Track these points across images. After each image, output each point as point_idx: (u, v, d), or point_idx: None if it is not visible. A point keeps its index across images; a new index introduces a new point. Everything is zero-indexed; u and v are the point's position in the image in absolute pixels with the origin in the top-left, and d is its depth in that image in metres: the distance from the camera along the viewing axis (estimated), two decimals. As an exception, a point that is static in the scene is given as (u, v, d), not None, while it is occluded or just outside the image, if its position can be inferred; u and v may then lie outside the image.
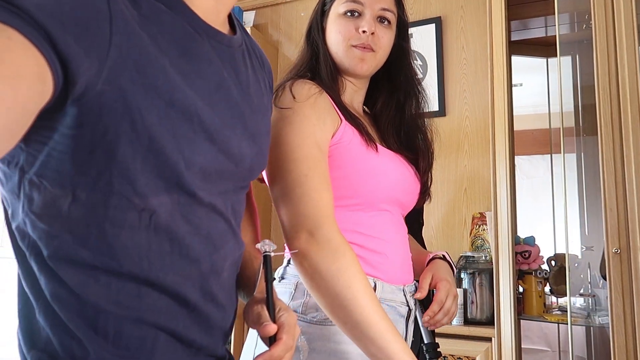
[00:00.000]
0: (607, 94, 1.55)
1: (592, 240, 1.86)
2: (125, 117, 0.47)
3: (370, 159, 0.88)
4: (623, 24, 1.56)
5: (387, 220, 0.91)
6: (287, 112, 0.83)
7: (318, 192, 0.78)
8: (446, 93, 2.34)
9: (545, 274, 1.87)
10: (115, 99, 0.46)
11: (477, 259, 1.96)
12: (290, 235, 0.78)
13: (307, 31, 1.01)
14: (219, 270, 0.60)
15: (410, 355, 0.73)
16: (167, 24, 0.53)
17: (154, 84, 0.49)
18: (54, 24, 0.40)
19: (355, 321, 0.73)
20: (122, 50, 0.46)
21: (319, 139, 0.83)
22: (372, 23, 0.93)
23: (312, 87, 0.87)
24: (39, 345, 0.51)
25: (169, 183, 0.52)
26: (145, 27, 0.50)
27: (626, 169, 1.50)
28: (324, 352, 0.81)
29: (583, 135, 1.93)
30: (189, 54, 0.54)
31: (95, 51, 0.44)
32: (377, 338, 0.72)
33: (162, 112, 0.50)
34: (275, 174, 0.81)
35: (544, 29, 2.08)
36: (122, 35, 0.47)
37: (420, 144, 1.01)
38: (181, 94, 0.51)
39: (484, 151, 2.22)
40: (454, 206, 2.26)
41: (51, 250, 0.50)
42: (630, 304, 1.45)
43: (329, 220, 0.77)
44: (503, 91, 1.76)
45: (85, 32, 0.43)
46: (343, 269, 0.74)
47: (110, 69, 0.46)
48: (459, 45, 2.36)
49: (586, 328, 1.95)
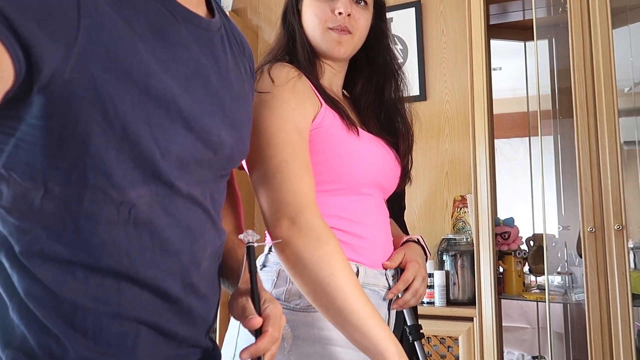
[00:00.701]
0: (582, 76, 1.58)
1: (568, 220, 1.91)
2: (97, 105, 0.45)
3: (351, 142, 0.87)
4: (597, 7, 1.59)
5: (368, 205, 0.91)
6: (266, 97, 0.81)
7: (299, 178, 0.78)
8: (426, 77, 2.35)
9: (524, 254, 1.92)
10: (85, 86, 0.44)
11: (459, 241, 2.00)
12: (272, 222, 0.77)
13: (282, 14, 0.99)
14: (199, 260, 0.59)
15: (394, 340, 0.73)
16: (141, 6, 0.50)
17: (127, 70, 0.47)
18: (13, 8, 0.39)
19: (339, 308, 0.73)
20: (92, 35, 0.44)
21: (298, 123, 0.82)
22: (347, 4, 0.91)
23: (291, 71, 0.85)
24: (14, 344, 0.49)
25: (145, 174, 0.50)
26: (118, 10, 0.47)
27: (600, 150, 1.54)
28: (308, 339, 0.81)
29: (559, 118, 1.97)
30: (164, 38, 0.52)
31: (61, 36, 0.42)
32: (361, 324, 0.72)
33: (136, 99, 0.48)
34: (254, 160, 0.80)
35: (522, 12, 2.09)
36: (91, 18, 0.44)
37: (400, 127, 1.00)
38: (156, 80, 0.49)
39: (464, 135, 2.25)
40: (435, 189, 2.29)
41: (23, 246, 0.48)
42: (604, 281, 1.50)
43: (310, 206, 0.77)
44: (482, 75, 1.78)
45: (49, 17, 0.41)
46: (326, 256, 0.74)
47: (79, 54, 0.43)
48: (438, 29, 2.37)
49: (563, 305, 2.01)
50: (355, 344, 0.75)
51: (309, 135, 0.84)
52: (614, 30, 1.59)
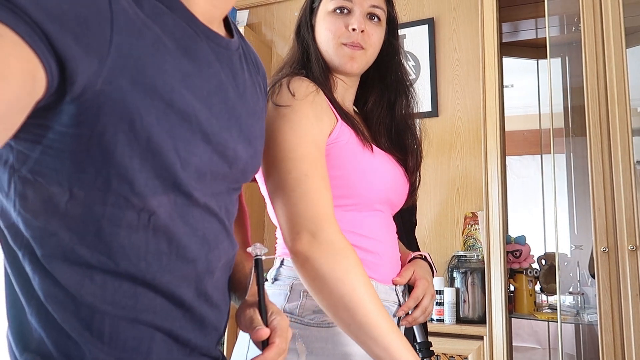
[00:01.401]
0: (596, 95, 1.58)
1: (581, 239, 1.89)
2: (124, 116, 0.47)
3: (366, 159, 0.87)
4: (611, 26, 1.59)
5: (379, 220, 0.91)
6: (285, 110, 0.81)
7: (319, 192, 0.77)
8: (439, 94, 2.36)
9: (535, 273, 1.90)
10: (114, 98, 0.47)
11: (469, 258, 1.98)
12: (291, 236, 0.76)
13: (296, 28, 0.99)
14: (213, 269, 0.60)
15: (413, 353, 0.73)
16: (169, 24, 0.53)
17: (153, 84, 0.49)
18: (52, 22, 0.40)
19: (360, 322, 0.73)
20: (123, 50, 0.47)
21: (317, 137, 0.81)
22: (361, 20, 0.91)
23: (310, 85, 0.85)
24: (32, 347, 0.51)
25: (166, 183, 0.52)
26: (148, 27, 0.50)
27: (614, 169, 1.53)
28: (323, 355, 0.80)
29: (572, 136, 1.96)
30: (189, 55, 0.55)
31: (95, 50, 0.44)
32: (382, 339, 0.72)
33: (161, 112, 0.50)
34: (272, 173, 0.80)
35: (535, 31, 2.10)
36: (123, 34, 0.47)
37: (409, 144, 1.01)
38: (180, 95, 0.52)
39: (475, 151, 2.25)
40: (446, 206, 2.28)
41: (46, 250, 0.50)
42: (617, 302, 1.48)
43: (331, 220, 0.76)
44: (494, 92, 1.78)
45: (85, 31, 0.43)
46: (347, 271, 0.74)
47: (110, 68, 0.46)
48: (451, 46, 2.38)
49: (575, 326, 1.98)
50: (375, 357, 0.75)
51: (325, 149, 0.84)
52: (628, 50, 1.59)
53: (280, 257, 0.89)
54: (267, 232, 2.60)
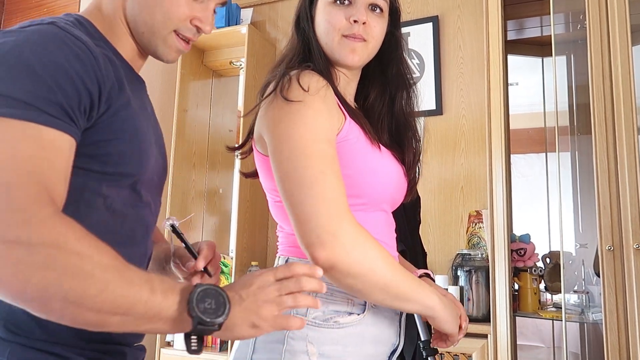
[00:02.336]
0: (601, 93, 1.57)
1: (586, 238, 1.89)
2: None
3: (376, 158, 0.85)
4: (617, 24, 1.58)
5: (383, 220, 0.90)
6: (297, 106, 0.77)
7: (337, 190, 0.75)
8: (443, 92, 2.36)
9: (540, 271, 1.89)
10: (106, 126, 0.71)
11: (474, 256, 1.98)
12: (310, 240, 0.73)
13: (295, 20, 0.96)
14: (148, 255, 0.82)
15: (435, 293, 0.83)
16: (128, 75, 0.76)
17: (124, 118, 0.71)
18: (70, 103, 0.62)
19: (394, 296, 0.78)
20: (112, 103, 0.69)
21: (329, 134, 0.79)
22: (363, 12, 0.87)
23: (320, 80, 0.81)
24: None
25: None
26: (121, 84, 0.71)
27: (619, 167, 1.52)
28: (334, 357, 0.79)
29: (577, 134, 1.95)
30: (135, 93, 0.76)
31: (95, 109, 0.67)
32: (413, 298, 0.80)
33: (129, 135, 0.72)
34: (286, 170, 0.76)
35: (540, 28, 2.09)
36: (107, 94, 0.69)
37: (409, 140, 0.98)
38: (139, 123, 0.74)
39: (480, 149, 2.24)
40: (450, 204, 2.28)
41: None
42: (622, 301, 1.47)
43: (349, 217, 0.75)
44: (499, 90, 1.78)
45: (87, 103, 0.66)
46: (374, 260, 0.75)
47: (101, 115, 0.67)
48: (455, 44, 2.38)
49: (580, 324, 1.98)
50: (408, 311, 0.85)
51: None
52: (634, 47, 1.58)
53: (285, 256, 0.88)
54: (270, 232, 2.61)
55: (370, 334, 0.83)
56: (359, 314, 0.82)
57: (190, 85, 2.71)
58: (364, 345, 0.82)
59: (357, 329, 0.81)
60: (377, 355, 0.85)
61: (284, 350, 0.77)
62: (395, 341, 0.89)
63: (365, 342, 0.82)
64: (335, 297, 0.81)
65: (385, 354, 0.88)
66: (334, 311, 0.81)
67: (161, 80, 2.85)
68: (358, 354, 0.81)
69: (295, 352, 0.77)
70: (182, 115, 2.64)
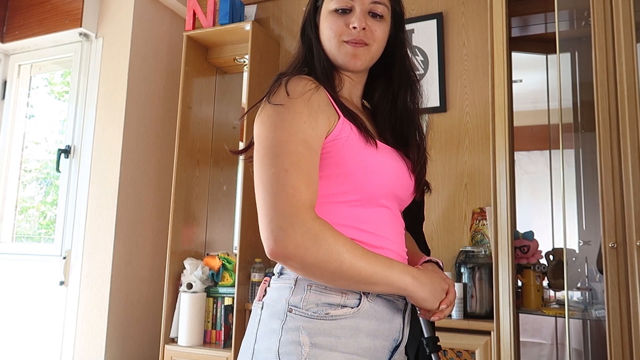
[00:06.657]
0: (605, 90, 1.57)
1: (589, 235, 1.89)
2: None
3: (370, 155, 0.87)
4: (621, 21, 1.58)
5: (384, 216, 0.91)
6: (278, 109, 0.82)
7: (296, 188, 0.78)
8: (447, 89, 2.36)
9: (543, 268, 1.89)
10: None
11: (477, 253, 1.98)
12: (266, 234, 0.78)
13: (301, 27, 1.00)
14: None
15: (407, 271, 0.84)
16: None
17: None
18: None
19: (358, 281, 0.80)
20: None
21: (307, 136, 0.81)
22: (362, 18, 0.92)
23: (309, 83, 0.85)
24: None
25: None
26: None
27: (623, 165, 1.52)
28: (326, 347, 0.81)
29: (581, 132, 1.95)
30: None
31: None
32: (381, 280, 0.81)
33: None
34: (256, 170, 0.82)
35: (544, 25, 2.09)
36: None
37: (412, 137, 1.00)
38: None
39: (484, 147, 2.24)
40: (454, 201, 2.28)
41: None
42: (625, 298, 1.47)
43: (304, 212, 0.77)
44: (503, 87, 1.78)
45: None
46: (329, 251, 0.77)
47: None
48: (460, 41, 2.38)
49: (583, 321, 1.98)
50: (382, 293, 0.86)
51: (324, 147, 0.85)
52: (638, 45, 1.58)
53: None
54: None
55: (366, 327, 0.84)
56: (352, 307, 0.84)
57: (194, 82, 2.72)
58: (359, 337, 0.83)
59: (350, 321, 0.83)
60: (375, 349, 0.86)
61: (279, 339, 0.81)
62: (398, 337, 0.90)
63: (360, 334, 0.84)
64: (329, 290, 0.84)
65: (386, 348, 0.88)
66: (326, 304, 0.83)
67: (165, 77, 2.86)
68: (352, 345, 0.82)
69: (290, 341, 0.80)
70: (186, 112, 2.65)
